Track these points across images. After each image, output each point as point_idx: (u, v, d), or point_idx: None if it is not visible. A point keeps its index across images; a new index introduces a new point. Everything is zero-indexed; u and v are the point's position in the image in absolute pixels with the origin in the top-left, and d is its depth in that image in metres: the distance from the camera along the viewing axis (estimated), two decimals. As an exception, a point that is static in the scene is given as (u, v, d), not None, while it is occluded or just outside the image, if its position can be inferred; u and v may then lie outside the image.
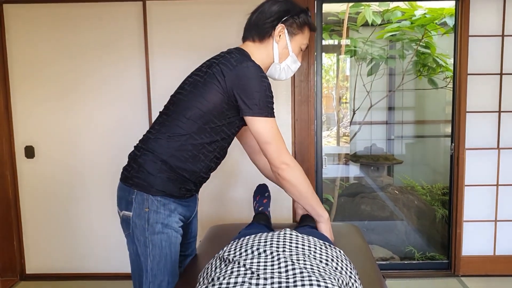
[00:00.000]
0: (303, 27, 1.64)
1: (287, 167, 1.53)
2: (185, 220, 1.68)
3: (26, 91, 3.05)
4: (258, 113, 1.49)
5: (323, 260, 1.17)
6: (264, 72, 1.53)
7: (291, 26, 1.63)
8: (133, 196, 1.54)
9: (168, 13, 2.93)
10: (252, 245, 1.22)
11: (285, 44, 1.64)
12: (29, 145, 3.09)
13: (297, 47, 1.67)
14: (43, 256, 3.20)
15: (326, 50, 5.38)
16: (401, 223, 3.92)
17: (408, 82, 4.23)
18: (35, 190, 3.14)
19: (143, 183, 1.53)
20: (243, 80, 1.47)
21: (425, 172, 4.74)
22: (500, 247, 3.15)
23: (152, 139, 1.56)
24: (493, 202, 3.12)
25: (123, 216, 1.58)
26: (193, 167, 1.56)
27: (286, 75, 1.73)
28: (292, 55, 1.67)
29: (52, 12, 2.97)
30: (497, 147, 3.08)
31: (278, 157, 1.52)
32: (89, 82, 3.02)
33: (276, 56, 1.65)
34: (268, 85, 1.51)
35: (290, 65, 1.70)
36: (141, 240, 1.55)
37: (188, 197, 1.64)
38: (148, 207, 1.53)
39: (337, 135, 6.26)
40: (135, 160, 1.58)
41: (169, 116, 1.57)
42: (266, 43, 1.64)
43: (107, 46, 2.99)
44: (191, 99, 1.53)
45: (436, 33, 3.90)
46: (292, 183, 1.56)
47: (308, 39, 1.70)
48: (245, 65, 1.48)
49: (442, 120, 4.62)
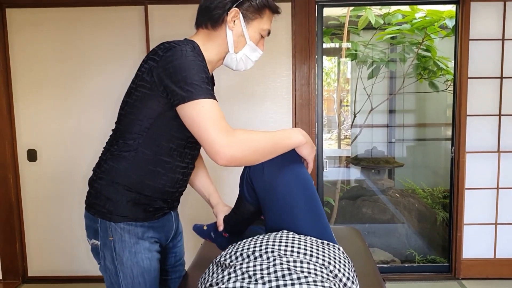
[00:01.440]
0: (262, 10, 1.40)
1: (236, 150, 1.22)
2: (163, 242, 1.54)
3: (28, 94, 3.07)
4: (193, 96, 1.22)
5: (320, 261, 1.17)
6: (200, 55, 1.32)
7: (247, 10, 1.39)
8: (98, 225, 1.40)
9: (169, 17, 2.95)
10: (248, 249, 1.21)
11: (240, 31, 1.40)
12: (31, 148, 3.10)
13: (255, 34, 1.43)
14: (45, 259, 3.22)
15: (327, 53, 5.39)
16: (402, 226, 3.93)
17: (409, 85, 4.24)
18: (37, 193, 3.15)
19: (103, 210, 1.38)
20: (169, 67, 1.25)
21: (426, 175, 4.75)
22: (501, 250, 3.15)
23: (104, 160, 1.42)
24: (493, 205, 3.12)
25: (92, 245, 1.46)
26: (153, 184, 1.39)
27: (246, 66, 1.49)
28: (250, 44, 1.43)
29: (55, 17, 2.99)
30: (498, 151, 3.09)
31: (210, 138, 1.22)
32: (91, 85, 3.04)
33: (231, 45, 1.42)
34: (201, 67, 1.27)
35: (248, 55, 1.45)
36: (112, 270, 1.42)
37: (159, 216, 1.47)
38: (112, 235, 1.39)
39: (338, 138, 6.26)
40: (91, 185, 1.45)
41: (115, 133, 1.42)
42: (220, 30, 1.40)
43: (110, 50, 3.01)
44: (129, 112, 1.37)
45: (436, 36, 3.91)
46: (247, 152, 1.25)
47: (270, 23, 1.46)
48: (171, 52, 1.26)
49: (443, 123, 4.63)
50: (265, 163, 1.36)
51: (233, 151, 1.21)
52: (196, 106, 1.22)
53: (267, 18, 1.43)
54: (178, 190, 1.50)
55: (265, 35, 1.45)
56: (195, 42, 1.38)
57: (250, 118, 3.05)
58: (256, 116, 3.06)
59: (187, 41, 1.37)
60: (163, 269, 1.65)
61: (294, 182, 1.40)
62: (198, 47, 1.37)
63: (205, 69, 1.29)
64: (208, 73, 1.30)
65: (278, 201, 1.38)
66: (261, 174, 1.40)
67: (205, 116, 1.21)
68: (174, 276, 1.70)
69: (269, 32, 1.46)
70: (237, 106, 3.02)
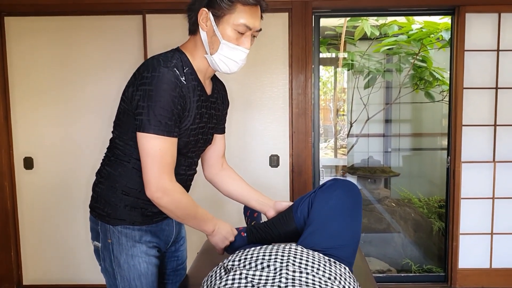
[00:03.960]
0: (231, 5, 1.32)
1: (163, 195, 1.32)
2: (163, 246, 1.56)
3: (26, 102, 3.07)
4: (147, 128, 1.28)
5: (326, 276, 1.18)
6: (174, 82, 1.30)
7: (216, 9, 1.33)
8: (99, 227, 1.45)
9: (167, 26, 2.97)
10: (257, 258, 1.22)
11: (212, 31, 1.35)
12: (28, 156, 3.10)
13: (229, 31, 1.34)
14: (41, 267, 3.20)
15: (323, 63, 5.43)
16: (398, 235, 3.93)
17: (405, 95, 4.27)
18: (33, 201, 3.14)
19: (103, 213, 1.43)
20: (141, 89, 1.29)
21: (422, 184, 4.76)
22: (496, 260, 3.16)
23: (103, 165, 1.49)
24: (489, 215, 3.13)
25: (94, 246, 1.50)
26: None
27: (229, 67, 1.41)
28: (225, 42, 1.35)
29: (53, 25, 3.00)
30: (493, 160, 3.10)
31: (155, 181, 1.31)
32: (89, 94, 3.05)
33: (206, 47, 1.38)
34: (170, 98, 1.28)
35: (227, 55, 1.37)
36: (110, 272, 1.46)
37: (158, 221, 1.50)
38: (110, 238, 1.43)
39: (335, 147, 6.29)
40: (94, 189, 1.51)
41: (112, 140, 1.48)
42: (198, 33, 1.38)
43: (107, 58, 3.02)
44: (121, 121, 1.42)
45: (432, 48, 3.95)
46: (170, 211, 1.37)
47: (249, 17, 1.34)
48: (150, 74, 1.29)
49: (439, 133, 4.66)
50: (333, 195, 1.44)
51: (160, 199, 1.32)
52: (148, 139, 1.29)
53: (240, 12, 1.33)
54: None
55: (243, 30, 1.35)
56: (184, 54, 1.40)
57: (247, 127, 3.06)
58: (253, 125, 3.08)
59: (175, 55, 1.38)
60: (164, 272, 1.67)
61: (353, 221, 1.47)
62: (187, 60, 1.39)
63: (177, 100, 1.31)
64: (180, 105, 1.32)
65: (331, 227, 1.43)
66: (327, 201, 1.44)
67: (150, 152, 1.29)
68: (175, 280, 1.71)
69: (249, 27, 1.35)
70: (233, 115, 3.03)
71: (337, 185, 1.47)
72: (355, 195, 1.47)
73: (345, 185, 1.48)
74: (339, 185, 1.47)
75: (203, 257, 1.96)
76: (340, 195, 1.43)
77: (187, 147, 1.44)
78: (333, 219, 1.41)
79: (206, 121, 1.49)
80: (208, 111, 1.50)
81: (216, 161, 1.72)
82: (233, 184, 1.74)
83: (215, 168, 1.73)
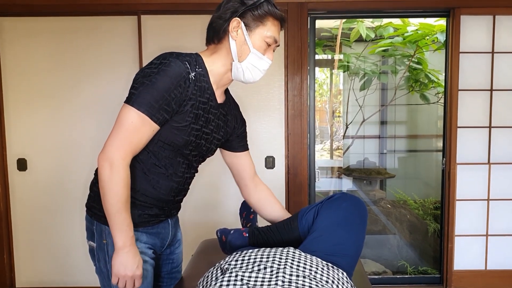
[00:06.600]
0: (263, 18, 1.40)
1: (109, 167, 1.28)
2: (158, 248, 1.55)
3: (19, 103, 3.04)
4: (131, 101, 1.30)
5: (324, 280, 1.17)
6: (180, 72, 1.34)
7: (248, 19, 1.40)
8: (94, 227, 1.44)
9: (162, 27, 2.95)
10: (254, 260, 1.22)
11: (243, 40, 1.41)
12: (21, 157, 3.08)
13: (260, 42, 1.42)
14: (34, 269, 3.17)
15: (319, 65, 5.43)
16: (394, 237, 3.93)
17: (400, 97, 4.28)
18: (26, 203, 3.12)
19: (99, 213, 1.41)
20: (142, 69, 1.35)
21: (417, 186, 4.77)
22: (492, 262, 3.16)
23: None
24: (484, 216, 3.14)
25: (89, 246, 1.48)
26: (147, 190, 1.42)
27: (253, 76, 1.48)
28: (255, 52, 1.42)
29: (48, 26, 2.98)
30: (488, 162, 3.11)
31: (110, 149, 1.29)
32: (83, 95, 3.03)
33: (235, 55, 1.43)
34: (168, 85, 1.30)
35: (254, 64, 1.44)
36: (104, 272, 1.44)
37: (155, 223, 1.48)
38: (105, 238, 1.41)
39: (330, 148, 6.29)
40: (91, 188, 1.49)
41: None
42: (224, 41, 1.43)
43: (102, 59, 3.01)
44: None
45: (427, 50, 3.96)
46: (101, 185, 1.30)
47: (276, 31, 1.45)
48: (156, 60, 1.35)
49: (434, 135, 4.67)
50: (342, 206, 1.48)
51: (103, 168, 1.28)
52: (127, 110, 1.29)
53: (271, 25, 1.42)
54: (175, 199, 1.51)
55: (271, 42, 1.44)
56: (200, 57, 1.44)
57: (243, 129, 3.05)
58: (248, 127, 3.05)
59: (191, 54, 1.42)
60: (159, 275, 1.65)
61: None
62: (202, 62, 1.42)
63: (175, 90, 1.31)
64: (176, 95, 1.32)
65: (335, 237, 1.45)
66: (335, 211, 1.48)
67: (121, 122, 1.29)
68: (170, 283, 1.69)
69: (276, 41, 1.45)
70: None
71: (346, 198, 1.52)
72: (363, 210, 1.52)
73: (354, 200, 1.52)
74: (348, 199, 1.51)
75: (198, 259, 1.95)
76: (348, 208, 1.48)
77: (187, 147, 1.43)
78: (340, 228, 1.44)
79: (212, 128, 1.49)
80: (216, 120, 1.50)
81: (249, 182, 1.76)
82: (271, 213, 1.76)
83: (249, 188, 1.77)
